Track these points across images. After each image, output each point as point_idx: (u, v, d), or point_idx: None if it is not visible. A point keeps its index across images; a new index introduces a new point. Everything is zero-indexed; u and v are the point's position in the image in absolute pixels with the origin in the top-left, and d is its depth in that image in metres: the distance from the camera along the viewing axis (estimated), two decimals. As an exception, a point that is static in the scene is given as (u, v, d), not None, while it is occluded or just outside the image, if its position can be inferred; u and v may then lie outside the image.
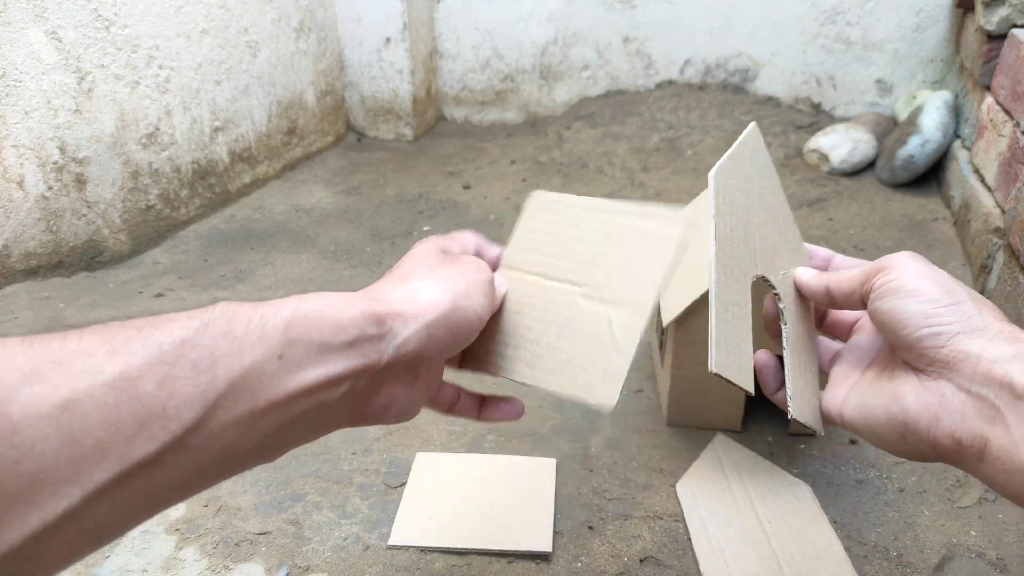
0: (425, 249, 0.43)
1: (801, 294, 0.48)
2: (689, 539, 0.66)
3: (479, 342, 0.46)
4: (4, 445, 0.24)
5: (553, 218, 0.51)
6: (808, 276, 0.47)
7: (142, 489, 0.28)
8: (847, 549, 0.64)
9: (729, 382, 0.39)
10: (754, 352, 0.44)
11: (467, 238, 0.48)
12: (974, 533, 0.67)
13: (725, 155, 0.47)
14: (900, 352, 0.39)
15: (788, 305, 0.47)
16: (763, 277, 0.46)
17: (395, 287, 0.39)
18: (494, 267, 0.49)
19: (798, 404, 0.44)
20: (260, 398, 0.30)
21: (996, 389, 0.34)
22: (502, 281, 0.48)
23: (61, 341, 0.27)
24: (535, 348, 0.46)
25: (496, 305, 0.45)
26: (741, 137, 0.49)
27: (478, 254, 0.48)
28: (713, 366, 0.38)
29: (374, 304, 0.36)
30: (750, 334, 0.43)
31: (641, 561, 0.64)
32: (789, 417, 0.44)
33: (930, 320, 0.37)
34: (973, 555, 0.65)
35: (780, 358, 0.46)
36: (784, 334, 0.46)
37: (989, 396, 0.35)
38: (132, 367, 0.27)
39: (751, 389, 0.40)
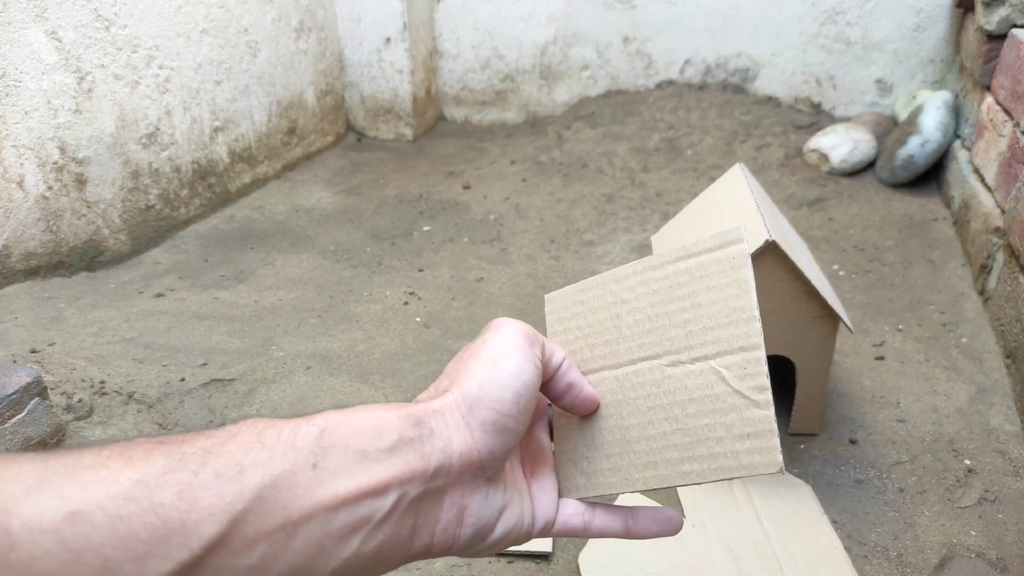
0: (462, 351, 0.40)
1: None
2: (689, 539, 0.66)
3: (575, 469, 0.41)
4: None
5: (582, 308, 0.44)
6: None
7: None
8: (847, 549, 0.64)
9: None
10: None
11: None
12: (974, 533, 0.67)
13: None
14: None
15: None
16: None
17: (431, 391, 0.37)
18: (551, 375, 0.39)
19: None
20: (293, 509, 0.27)
21: None
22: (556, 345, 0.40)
23: (77, 455, 0.25)
24: (646, 445, 0.39)
25: (540, 362, 0.37)
26: None
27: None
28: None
29: (412, 407, 0.33)
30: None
31: (641, 561, 0.64)
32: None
33: None
34: (973, 555, 0.65)
35: None
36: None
37: None
38: (150, 475, 0.25)
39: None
